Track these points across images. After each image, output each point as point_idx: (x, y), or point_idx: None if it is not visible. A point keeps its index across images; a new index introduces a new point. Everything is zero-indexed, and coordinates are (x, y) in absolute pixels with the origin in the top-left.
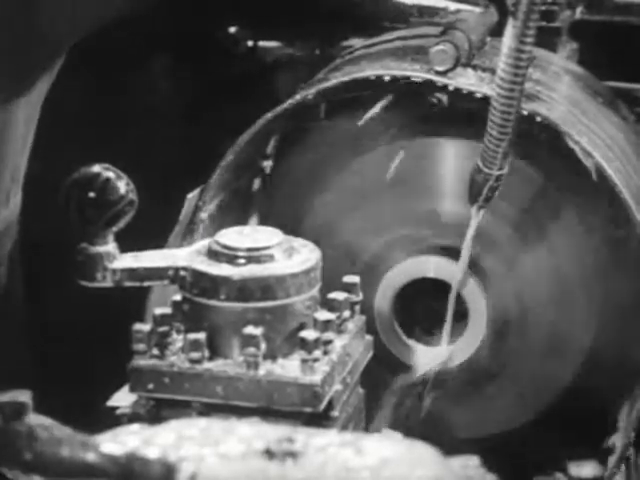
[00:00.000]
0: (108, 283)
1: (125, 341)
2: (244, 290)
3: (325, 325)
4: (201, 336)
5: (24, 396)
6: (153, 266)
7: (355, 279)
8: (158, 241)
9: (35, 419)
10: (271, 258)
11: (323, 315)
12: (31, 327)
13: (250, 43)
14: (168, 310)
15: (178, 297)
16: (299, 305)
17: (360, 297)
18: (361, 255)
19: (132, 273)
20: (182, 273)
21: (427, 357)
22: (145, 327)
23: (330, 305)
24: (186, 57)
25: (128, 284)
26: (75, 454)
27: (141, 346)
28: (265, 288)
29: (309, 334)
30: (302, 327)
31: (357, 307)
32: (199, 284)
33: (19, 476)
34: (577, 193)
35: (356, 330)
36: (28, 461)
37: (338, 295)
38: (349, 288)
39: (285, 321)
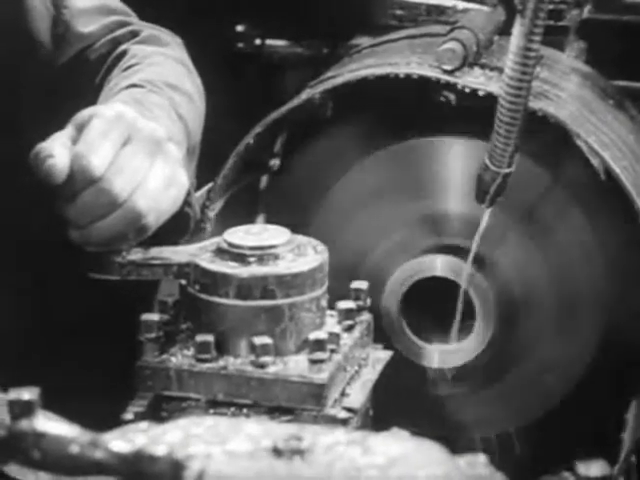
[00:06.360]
0: (116, 276)
1: (133, 338)
2: (250, 288)
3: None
4: (210, 338)
5: (32, 393)
6: (161, 262)
7: (363, 284)
8: None
9: (43, 416)
10: (279, 257)
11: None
12: (38, 323)
13: (258, 41)
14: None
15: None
16: (307, 304)
17: (368, 303)
18: (368, 254)
19: (139, 267)
20: (188, 269)
21: (436, 356)
22: (154, 317)
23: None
24: (192, 56)
25: (135, 278)
26: (83, 452)
27: (150, 337)
28: (270, 287)
29: (317, 334)
30: (310, 326)
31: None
32: (204, 281)
33: (27, 473)
34: (585, 192)
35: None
36: (36, 459)
37: (348, 304)
38: (357, 294)
39: (293, 320)
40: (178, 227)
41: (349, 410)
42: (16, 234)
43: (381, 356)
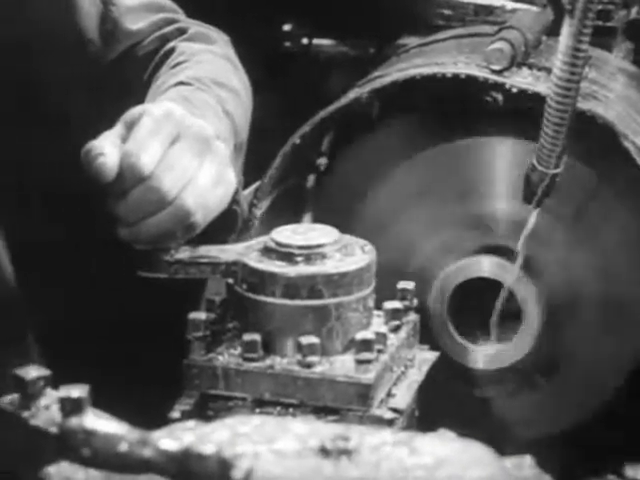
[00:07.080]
0: (164, 274)
1: (180, 337)
2: (298, 288)
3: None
4: (257, 337)
5: (82, 391)
6: (208, 260)
7: (410, 284)
8: None
9: (93, 414)
10: (326, 256)
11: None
12: (87, 321)
13: (305, 41)
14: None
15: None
16: (354, 304)
17: (415, 303)
18: (414, 255)
19: (187, 266)
20: (235, 268)
21: (481, 357)
22: (201, 316)
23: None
24: (239, 54)
25: (182, 276)
26: (132, 450)
27: (197, 336)
28: (318, 286)
29: (363, 334)
30: (357, 326)
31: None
32: (252, 280)
33: (77, 470)
34: (632, 193)
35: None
36: (86, 456)
37: (394, 304)
38: (403, 294)
39: (340, 319)
40: (226, 225)
41: (395, 411)
42: (65, 232)
43: (427, 357)
